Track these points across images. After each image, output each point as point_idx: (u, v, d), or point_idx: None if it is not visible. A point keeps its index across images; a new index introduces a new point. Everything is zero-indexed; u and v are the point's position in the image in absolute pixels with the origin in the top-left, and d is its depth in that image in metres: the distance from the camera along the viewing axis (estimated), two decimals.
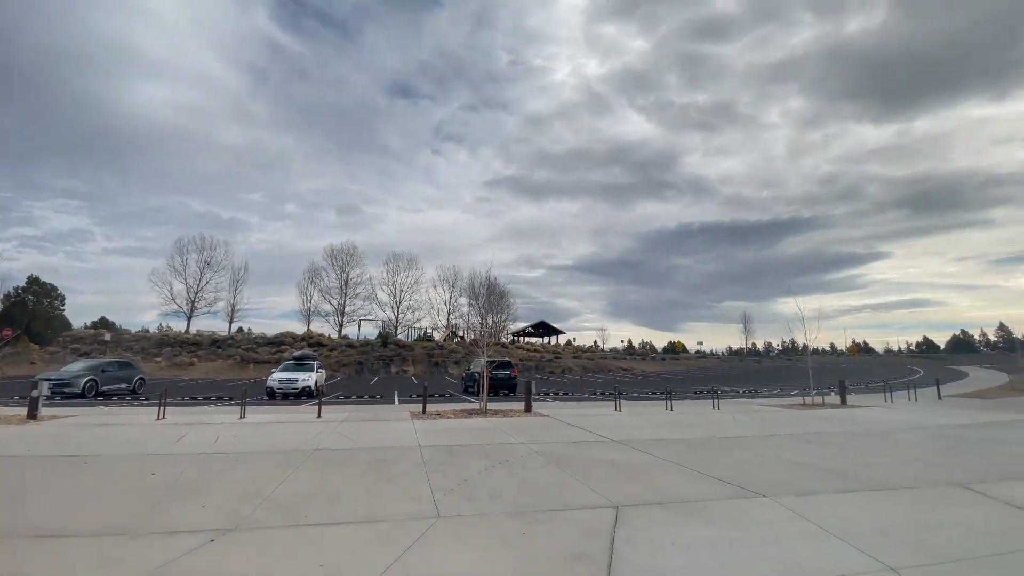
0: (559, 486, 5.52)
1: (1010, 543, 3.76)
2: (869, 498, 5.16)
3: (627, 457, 7.22)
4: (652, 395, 21.77)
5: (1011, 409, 15.68)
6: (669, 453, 7.55)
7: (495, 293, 20.17)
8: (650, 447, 8.05)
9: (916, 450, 8.11)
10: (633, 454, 7.47)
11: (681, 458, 7.18)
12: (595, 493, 5.22)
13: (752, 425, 11.18)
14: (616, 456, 7.29)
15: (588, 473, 6.16)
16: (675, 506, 4.81)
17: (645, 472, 6.27)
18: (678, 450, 7.84)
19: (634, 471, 6.32)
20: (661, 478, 5.95)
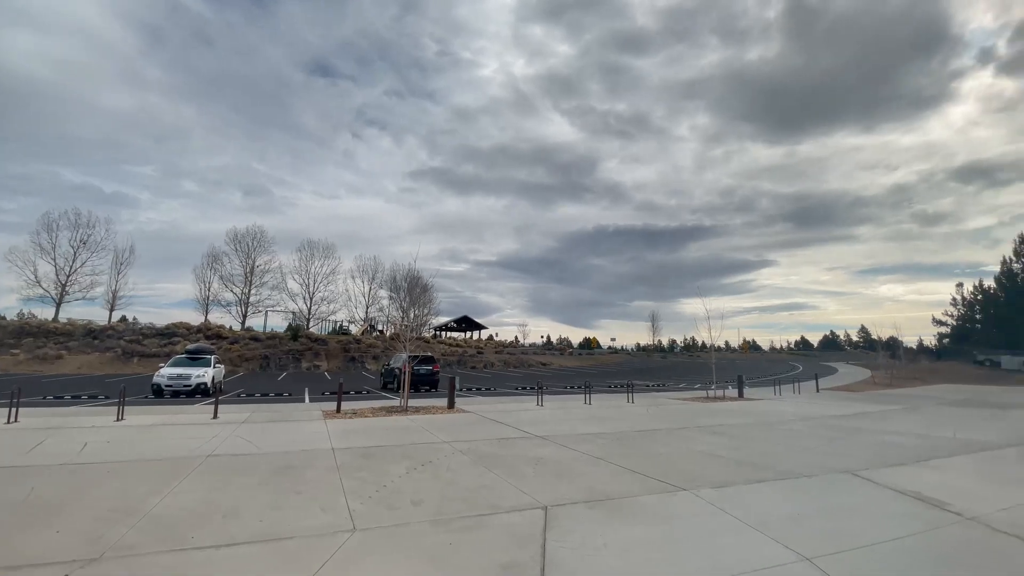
0: (486, 488, 5.30)
1: (904, 527, 4.13)
2: (776, 488, 5.49)
3: (552, 453, 7.18)
4: (571, 389, 22.34)
5: (876, 401, 18.00)
6: (592, 448, 7.63)
7: (418, 286, 19.50)
8: (573, 442, 8.09)
9: (808, 440, 8.91)
10: (558, 450, 7.45)
11: (604, 452, 7.27)
12: (523, 494, 5.06)
13: (665, 418, 11.74)
14: (542, 453, 7.22)
15: (515, 472, 6.00)
16: (603, 504, 4.78)
17: (571, 469, 6.24)
18: (600, 445, 7.95)
19: (560, 468, 6.26)
20: (587, 474, 5.94)
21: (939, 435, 9.58)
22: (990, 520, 4.25)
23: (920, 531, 4.02)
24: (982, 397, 20.02)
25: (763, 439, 8.87)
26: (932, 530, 4.05)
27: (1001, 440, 8.86)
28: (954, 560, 3.49)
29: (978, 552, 3.60)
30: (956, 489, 5.39)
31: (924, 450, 7.87)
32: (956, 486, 5.54)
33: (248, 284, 52.16)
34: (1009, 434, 9.74)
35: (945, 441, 8.81)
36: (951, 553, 3.60)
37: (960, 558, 3.51)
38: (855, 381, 29.69)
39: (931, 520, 4.31)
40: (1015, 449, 7.99)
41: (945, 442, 8.69)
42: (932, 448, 8.06)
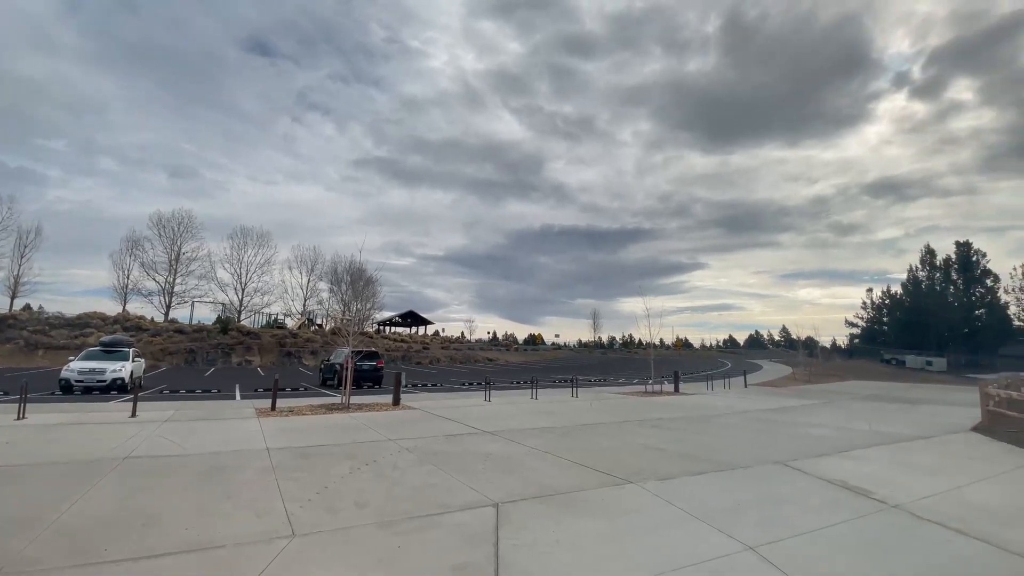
0: (434, 486, 5.14)
1: (835, 515, 4.39)
2: (716, 479, 5.71)
3: (501, 449, 7.11)
4: (517, 385, 22.43)
5: (798, 396, 19.35)
6: (540, 442, 7.64)
7: (362, 279, 18.69)
8: (522, 437, 8.07)
9: (741, 432, 9.40)
10: (507, 445, 7.39)
11: (552, 447, 7.29)
12: (473, 491, 4.95)
13: (608, 412, 12.01)
14: (491, 448, 7.13)
15: (464, 469, 5.88)
16: (553, 499, 4.76)
17: (521, 464, 6.20)
18: (548, 439, 7.98)
19: (510, 463, 6.21)
20: (537, 469, 5.92)
21: (856, 428, 10.41)
22: (911, 508, 4.62)
23: (850, 518, 4.30)
24: (890, 393, 22.06)
25: (700, 432, 9.26)
26: (861, 517, 4.34)
27: (911, 432, 9.75)
28: (884, 546, 3.74)
29: (905, 538, 3.89)
30: (877, 478, 5.83)
31: (845, 441, 8.50)
32: (877, 475, 6.00)
33: (173, 272, 48.46)
34: (917, 427, 10.75)
35: (862, 433, 9.57)
36: (880, 539, 3.86)
37: (889, 544, 3.77)
38: (778, 377, 31.81)
39: (859, 508, 4.63)
40: (923, 441, 8.81)
41: (862, 434, 9.44)
42: (852, 440, 8.73)
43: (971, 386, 29.86)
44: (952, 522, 4.18)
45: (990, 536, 3.85)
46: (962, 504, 4.78)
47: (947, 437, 9.26)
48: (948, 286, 65.42)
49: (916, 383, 30.83)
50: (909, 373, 43.99)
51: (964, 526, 4.08)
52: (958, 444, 8.57)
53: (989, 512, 4.52)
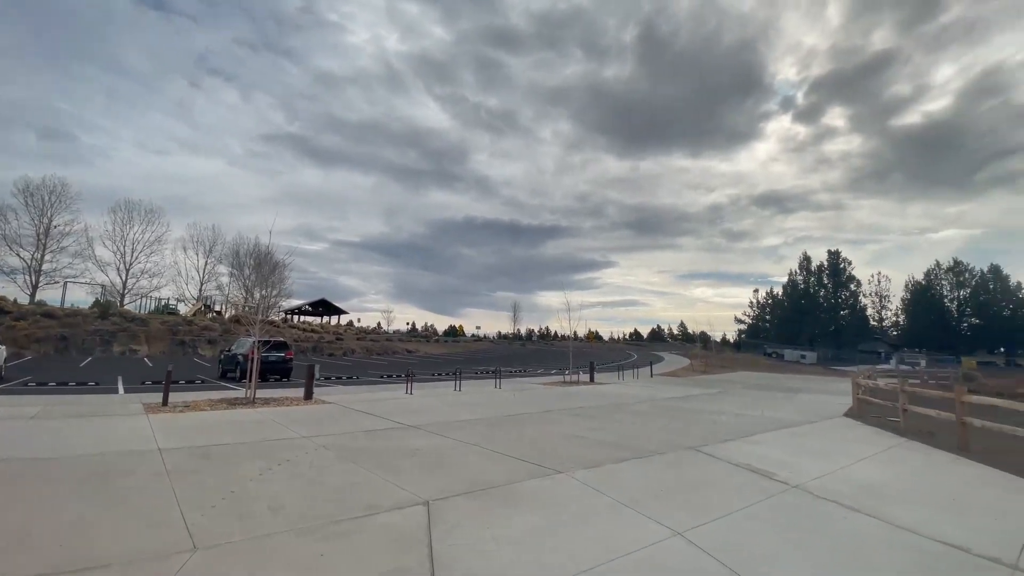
0: (358, 486, 4.81)
1: (747, 497, 4.72)
2: (638, 465, 5.94)
3: (428, 443, 6.88)
4: (439, 376, 22.07)
5: (698, 385, 20.98)
6: (467, 435, 7.50)
7: (268, 264, 17.07)
8: (448, 430, 7.88)
9: (654, 419, 9.94)
10: (433, 439, 7.17)
11: (479, 439, 7.19)
12: (401, 489, 4.70)
13: (531, 402, 12.17)
14: (416, 443, 6.87)
15: (389, 466, 5.58)
16: (485, 493, 4.65)
17: (449, 458, 6.02)
18: (475, 431, 7.87)
19: (438, 458, 6.00)
20: (466, 463, 5.78)
21: (751, 414, 11.45)
22: (810, 488, 5.10)
23: (761, 499, 4.65)
24: (774, 382, 24.65)
25: (618, 420, 9.66)
26: (770, 498, 4.71)
27: (797, 418, 10.91)
28: (793, 526, 4.07)
29: (809, 517, 4.26)
30: (776, 461, 6.40)
31: (744, 427, 9.29)
32: (775, 458, 6.59)
33: (41, 248, 41.77)
34: (800, 413, 12.05)
35: (757, 419, 10.54)
36: (789, 520, 4.20)
37: (797, 524, 4.11)
38: (679, 368, 34.40)
39: (766, 489, 5.02)
40: (809, 426, 9.87)
41: (757, 420, 10.39)
42: (750, 425, 9.56)
43: (837, 376, 34.41)
44: (845, 500, 4.68)
45: (879, 512, 4.35)
46: (850, 483, 5.38)
47: (826, 422, 10.47)
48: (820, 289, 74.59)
49: (793, 374, 34.86)
50: (787, 365, 49.73)
51: (856, 504, 4.57)
52: (836, 428, 9.73)
53: (873, 490, 5.11)
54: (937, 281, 75.58)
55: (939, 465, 6.51)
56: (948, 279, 74.86)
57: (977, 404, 7.87)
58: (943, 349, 64.54)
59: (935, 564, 3.35)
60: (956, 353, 60.83)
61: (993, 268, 71.58)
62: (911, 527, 3.99)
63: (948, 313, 72.73)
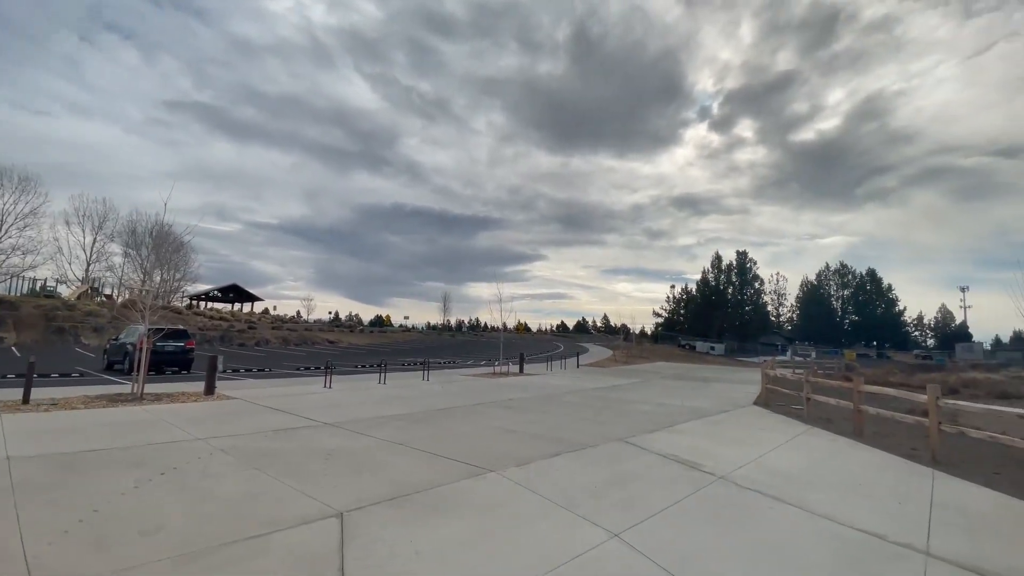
0: (259, 497, 4.17)
1: (678, 490, 4.67)
2: (571, 460, 5.77)
3: (346, 443, 6.27)
4: (363, 368, 20.99)
5: (621, 375, 21.68)
6: (391, 433, 6.97)
7: (170, 244, 15.03)
8: (370, 428, 7.29)
9: (583, 411, 9.94)
10: (352, 439, 6.56)
11: (405, 437, 6.69)
12: (311, 499, 4.14)
13: (460, 395, 11.78)
14: (332, 443, 6.24)
15: (299, 471, 4.95)
16: (410, 499, 4.22)
17: (370, 460, 5.48)
18: (400, 428, 7.35)
19: (357, 460, 5.45)
20: (389, 465, 5.28)
21: (672, 403, 11.87)
22: (734, 478, 5.18)
23: (691, 492, 4.62)
24: (688, 372, 26.12)
25: (549, 411, 9.55)
26: (699, 490, 4.70)
27: (713, 407, 11.43)
28: (724, 518, 4.04)
29: (736, 506, 4.28)
30: (700, 450, 6.53)
31: (667, 417, 9.54)
32: (699, 448, 6.73)
33: None
34: (715, 402, 12.68)
35: (677, 409, 10.91)
36: (720, 512, 4.18)
37: (728, 516, 4.09)
38: (602, 359, 35.57)
39: (695, 481, 5.03)
40: (724, 414, 10.36)
41: (678, 409, 10.76)
42: (672, 415, 9.85)
43: (742, 367, 37.32)
44: (768, 489, 4.78)
45: (799, 500, 4.46)
46: (768, 471, 5.55)
47: (739, 411, 11.07)
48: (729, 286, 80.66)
49: (704, 364, 37.32)
50: (699, 356, 53.31)
51: (778, 492, 4.68)
52: (748, 416, 10.29)
53: (790, 477, 5.31)
54: (826, 281, 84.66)
55: (841, 451, 6.98)
56: (835, 280, 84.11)
57: (871, 392, 8.60)
58: (829, 343, 72.38)
59: (857, 553, 3.42)
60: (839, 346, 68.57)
61: (870, 272, 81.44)
62: (829, 515, 4.12)
63: (834, 311, 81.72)
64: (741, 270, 79.69)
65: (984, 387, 22.02)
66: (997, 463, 6.42)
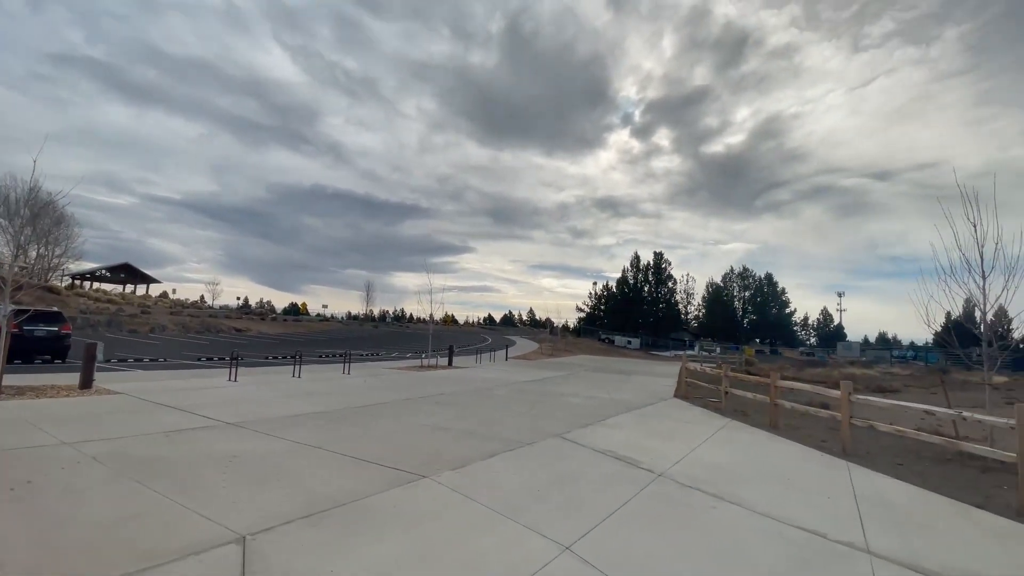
0: (138, 519, 3.41)
1: (622, 491, 4.49)
2: (508, 461, 5.45)
3: (253, 447, 5.48)
4: (275, 360, 19.35)
5: (548, 368, 21.86)
6: (307, 434, 6.24)
7: (50, 215, 12.62)
8: (282, 428, 6.50)
9: (516, 405, 9.70)
10: (261, 441, 5.77)
11: (323, 438, 6.00)
12: (205, 520, 3.44)
13: (386, 390, 11.09)
14: (236, 448, 5.42)
15: (192, 484, 4.18)
16: (329, 516, 3.65)
17: (280, 467, 4.79)
18: (317, 428, 6.63)
19: (265, 469, 4.73)
20: (304, 473, 4.64)
21: (601, 396, 12.01)
22: (674, 476, 5.13)
23: (635, 493, 4.47)
24: (610, 365, 27.01)
25: (481, 406, 9.20)
26: (642, 490, 4.56)
27: (638, 400, 11.70)
28: (670, 520, 3.91)
29: (680, 506, 4.17)
30: (635, 446, 6.50)
31: (597, 410, 9.56)
32: (634, 443, 6.71)
33: None
34: (640, 395, 13.02)
35: (607, 402, 11.03)
36: (665, 514, 4.04)
37: (673, 517, 3.97)
38: (529, 351, 35.93)
39: (637, 480, 4.90)
40: (650, 407, 10.60)
41: (607, 403, 10.87)
42: (601, 408, 9.90)
43: (657, 360, 39.40)
44: (707, 487, 4.76)
45: (737, 498, 4.46)
46: (703, 467, 5.59)
47: (662, 403, 11.42)
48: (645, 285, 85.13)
49: (623, 357, 38.98)
50: (617, 349, 55.76)
51: (716, 490, 4.67)
52: (672, 409, 10.61)
53: (724, 472, 5.36)
54: (730, 283, 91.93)
55: (763, 444, 7.30)
56: (738, 282, 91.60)
57: (787, 387, 9.15)
58: (729, 339, 78.71)
59: (804, 554, 3.41)
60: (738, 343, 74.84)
61: (768, 275, 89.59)
62: (769, 512, 4.14)
63: (735, 310, 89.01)
64: (657, 270, 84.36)
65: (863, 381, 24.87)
66: (897, 453, 7.02)
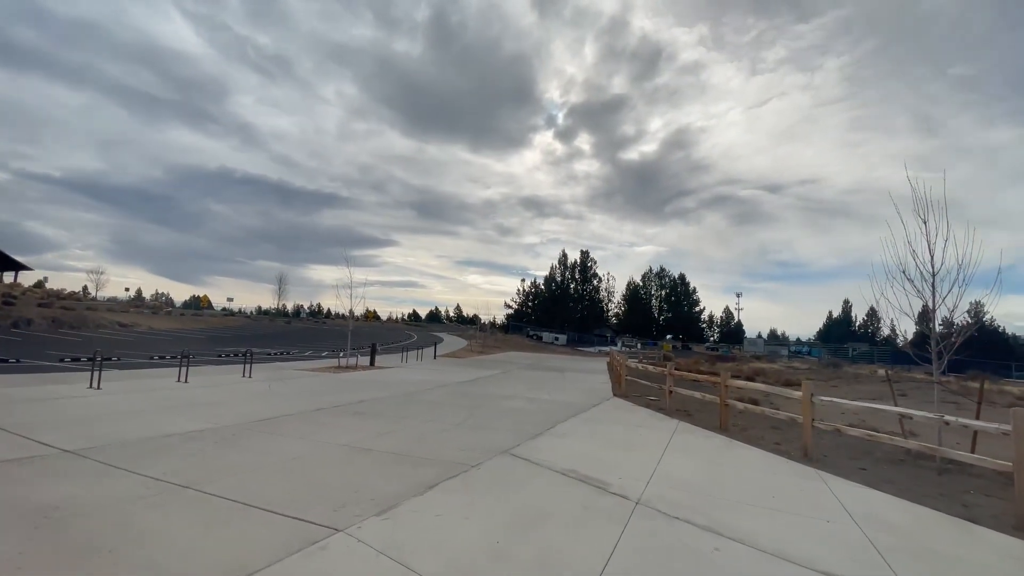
0: None
1: (605, 531, 3.42)
2: (452, 494, 4.28)
3: (89, 491, 3.85)
4: (161, 360, 16.51)
5: (480, 366, 20.79)
6: (177, 465, 4.66)
7: None
8: (143, 457, 4.84)
9: (452, 412, 8.50)
10: (105, 480, 4.13)
11: (196, 473, 4.45)
12: None
13: (295, 397, 9.42)
14: (66, 491, 3.76)
15: None
16: None
17: (120, 526, 3.26)
18: (193, 454, 5.03)
19: (93, 530, 3.18)
20: (155, 535, 3.16)
21: (542, 397, 11.14)
22: (650, 501, 4.23)
23: (618, 534, 3.47)
24: (541, 361, 26.52)
25: (411, 416, 7.92)
26: (626, 528, 3.58)
27: (580, 400, 10.97)
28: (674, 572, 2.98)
29: (679, 552, 3.23)
30: (595, 461, 5.60)
31: (542, 416, 8.64)
32: (593, 457, 5.82)
33: None
34: (580, 394, 12.32)
35: (549, 404, 10.16)
36: (663, 561, 3.10)
37: (675, 567, 3.02)
38: (458, 349, 34.71)
39: (613, 513, 3.94)
40: (595, 409, 9.87)
41: (550, 406, 10.00)
42: (546, 413, 8.99)
43: (583, 356, 39.76)
44: (695, 516, 3.92)
45: (736, 531, 3.63)
46: (677, 486, 4.80)
47: (605, 404, 10.77)
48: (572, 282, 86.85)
49: (552, 354, 38.98)
50: (546, 346, 56.00)
51: (708, 521, 3.83)
52: (617, 411, 9.95)
53: (703, 494, 4.58)
54: (649, 283, 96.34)
55: (723, 451, 6.71)
56: (655, 281, 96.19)
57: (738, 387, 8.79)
58: (646, 335, 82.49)
59: None
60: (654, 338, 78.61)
61: (681, 276, 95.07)
62: (781, 551, 3.36)
63: (652, 308, 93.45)
64: (584, 268, 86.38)
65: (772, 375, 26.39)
66: (851, 454, 6.75)
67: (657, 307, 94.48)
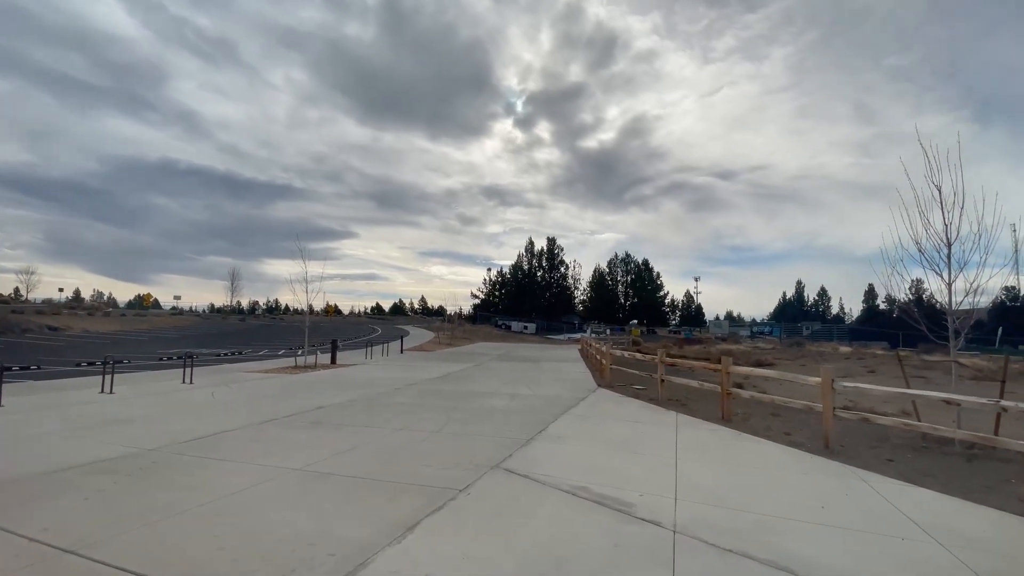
0: None
1: (628, 559, 2.60)
2: (437, 535, 3.30)
3: None
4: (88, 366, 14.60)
5: (450, 359, 19.73)
6: (66, 515, 3.48)
7: None
8: (20, 506, 3.61)
9: (428, 416, 7.48)
10: None
11: (93, 529, 3.27)
12: None
13: (240, 406, 8.16)
14: None
15: None
16: None
17: None
18: (94, 495, 3.85)
19: None
20: None
21: (523, 393, 10.25)
22: (692, 530, 3.36)
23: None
24: (514, 352, 25.66)
25: (379, 425, 6.86)
26: (672, 572, 2.75)
27: (566, 394, 10.14)
28: None
29: None
30: (605, 472, 4.74)
31: (530, 415, 7.75)
32: (600, 467, 4.95)
33: None
34: (563, 387, 11.51)
35: (533, 400, 9.28)
36: None
37: None
38: (425, 341, 33.41)
39: (653, 550, 3.07)
40: (584, 404, 9.04)
41: (535, 402, 9.13)
42: (533, 411, 8.12)
43: (554, 344, 39.24)
44: (750, 547, 3.09)
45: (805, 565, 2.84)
46: (709, 502, 3.99)
47: (592, 396, 9.99)
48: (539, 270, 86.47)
49: (523, 343, 38.20)
50: (515, 335, 55.35)
51: (769, 554, 3.00)
52: (608, 404, 9.18)
53: (743, 511, 3.75)
54: (615, 268, 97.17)
55: (739, 448, 6.00)
56: (621, 267, 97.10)
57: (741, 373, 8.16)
58: (613, 321, 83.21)
59: None
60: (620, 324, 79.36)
61: (644, 261, 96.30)
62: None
63: (618, 294, 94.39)
64: (551, 255, 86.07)
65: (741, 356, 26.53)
66: (871, 444, 6.18)
67: (623, 292, 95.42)
